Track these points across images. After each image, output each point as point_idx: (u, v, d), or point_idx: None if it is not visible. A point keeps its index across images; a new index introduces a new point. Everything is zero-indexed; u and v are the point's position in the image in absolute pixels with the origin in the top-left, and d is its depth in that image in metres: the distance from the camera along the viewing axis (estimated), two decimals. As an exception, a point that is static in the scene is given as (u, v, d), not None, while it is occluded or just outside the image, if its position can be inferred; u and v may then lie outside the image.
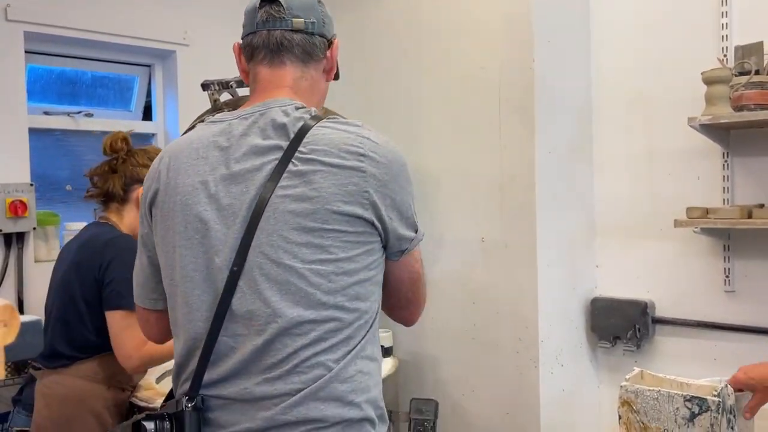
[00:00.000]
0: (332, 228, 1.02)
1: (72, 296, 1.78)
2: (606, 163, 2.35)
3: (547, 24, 2.18)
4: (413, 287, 1.16)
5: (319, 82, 1.18)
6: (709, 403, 1.30)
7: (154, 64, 2.94)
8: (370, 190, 1.03)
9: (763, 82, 1.89)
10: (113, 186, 1.90)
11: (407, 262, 1.12)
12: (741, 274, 2.06)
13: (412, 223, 1.10)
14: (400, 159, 1.08)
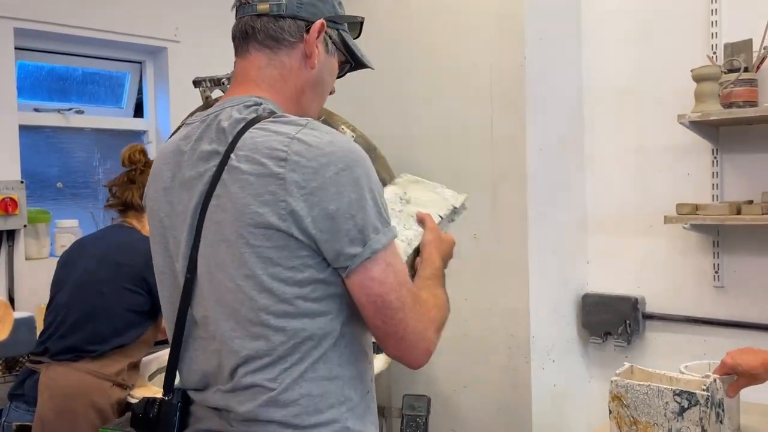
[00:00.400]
0: (249, 242, 0.93)
1: (101, 292, 1.87)
2: (597, 160, 2.37)
3: (539, 22, 2.19)
4: (381, 315, 0.95)
5: (297, 71, 1.06)
6: (698, 397, 1.31)
7: (145, 61, 2.93)
8: (289, 199, 0.91)
9: (751, 79, 1.91)
10: (132, 196, 2.00)
11: (360, 284, 0.94)
12: (730, 269, 2.08)
13: (357, 236, 0.92)
14: (341, 161, 0.92)
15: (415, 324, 0.97)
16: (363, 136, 2.25)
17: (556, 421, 2.27)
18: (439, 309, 1.05)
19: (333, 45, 1.09)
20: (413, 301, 0.98)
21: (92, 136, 2.87)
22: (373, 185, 0.95)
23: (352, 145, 0.96)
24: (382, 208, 0.96)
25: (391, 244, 0.96)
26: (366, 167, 0.95)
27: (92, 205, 2.87)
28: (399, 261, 0.98)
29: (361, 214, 0.93)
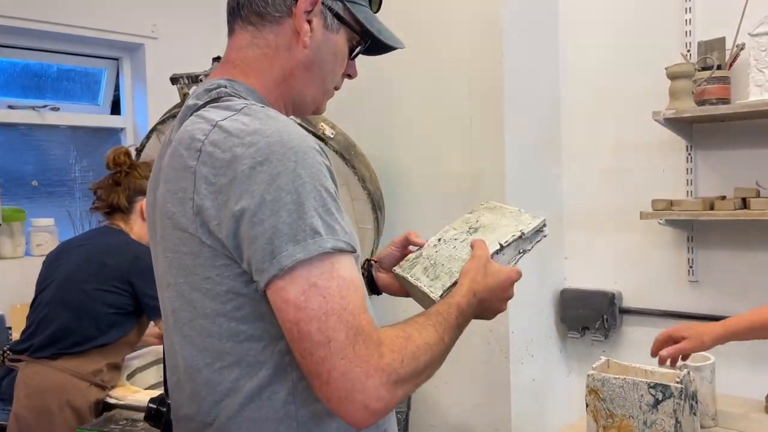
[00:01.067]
0: (168, 246, 0.84)
1: (85, 291, 1.87)
2: (574, 156, 2.39)
3: (517, 19, 2.21)
4: (299, 349, 0.77)
5: (285, 51, 0.92)
6: (672, 389, 1.33)
7: (122, 58, 2.90)
8: (196, 197, 0.79)
9: (724, 77, 1.94)
10: (117, 198, 2.01)
11: (276, 306, 0.77)
12: (704, 264, 2.12)
13: (266, 247, 0.76)
14: (260, 154, 0.76)
15: (348, 368, 0.75)
16: (342, 134, 2.25)
17: (535, 416, 2.30)
18: (415, 357, 0.81)
19: (335, 19, 0.94)
20: (350, 337, 0.76)
21: (68, 134, 2.84)
22: (302, 185, 0.76)
23: (284, 136, 0.78)
24: (313, 213, 0.76)
25: (322, 261, 0.76)
26: (296, 163, 0.77)
27: (68, 203, 2.84)
28: (336, 284, 0.76)
29: (272, 220, 0.75)
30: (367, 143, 2.32)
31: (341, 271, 0.77)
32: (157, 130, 2.22)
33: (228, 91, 0.88)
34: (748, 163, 2.02)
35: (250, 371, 0.82)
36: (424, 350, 0.83)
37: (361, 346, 0.76)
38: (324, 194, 0.78)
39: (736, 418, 1.66)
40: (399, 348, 0.80)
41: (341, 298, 0.76)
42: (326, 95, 0.99)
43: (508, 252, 1.07)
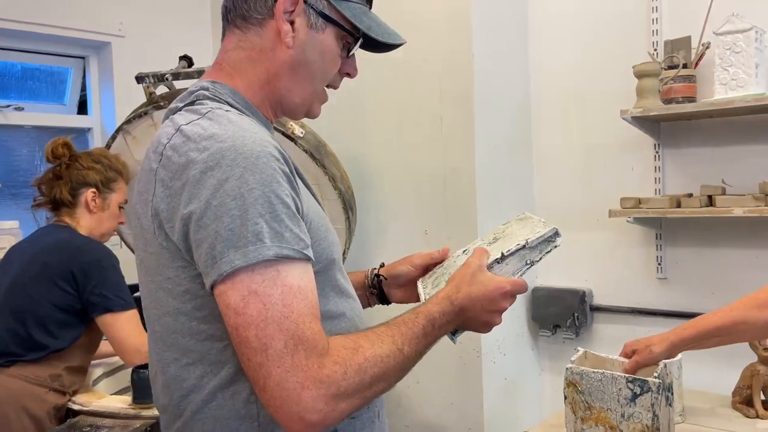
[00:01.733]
0: (139, 245, 0.89)
1: (32, 296, 1.80)
2: (545, 155, 2.40)
3: (487, 19, 2.21)
4: (239, 353, 0.77)
5: (270, 52, 0.91)
6: (650, 384, 1.35)
7: (88, 56, 2.84)
8: (154, 200, 0.82)
9: (690, 75, 1.96)
10: (60, 192, 1.92)
11: (220, 308, 0.78)
12: (672, 261, 2.14)
13: (209, 252, 0.77)
14: (212, 159, 0.77)
15: (284, 377, 0.74)
16: (312, 133, 2.23)
17: (508, 414, 2.30)
18: (361, 370, 0.79)
19: (321, 18, 0.92)
20: (289, 346, 0.74)
21: (33, 134, 2.78)
22: (249, 191, 0.76)
23: (237, 141, 0.78)
24: (258, 220, 0.76)
25: (266, 268, 0.75)
26: (245, 168, 0.76)
27: (34, 205, 2.78)
28: (280, 291, 0.76)
29: (215, 225, 0.76)
30: (337, 143, 2.30)
31: (288, 278, 0.77)
32: (123, 130, 2.17)
33: (207, 94, 0.89)
34: (714, 161, 2.04)
35: (213, 369, 0.84)
36: (374, 363, 0.80)
37: (301, 356, 0.75)
38: (274, 200, 0.77)
39: (703, 414, 1.67)
40: (343, 359, 0.78)
41: (284, 306, 0.75)
42: (317, 96, 0.98)
43: (511, 262, 1.01)
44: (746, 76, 1.78)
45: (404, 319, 0.89)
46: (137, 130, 2.16)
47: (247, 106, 0.92)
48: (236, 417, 0.84)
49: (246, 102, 0.92)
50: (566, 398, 1.46)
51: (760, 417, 1.63)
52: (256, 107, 0.93)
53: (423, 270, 1.19)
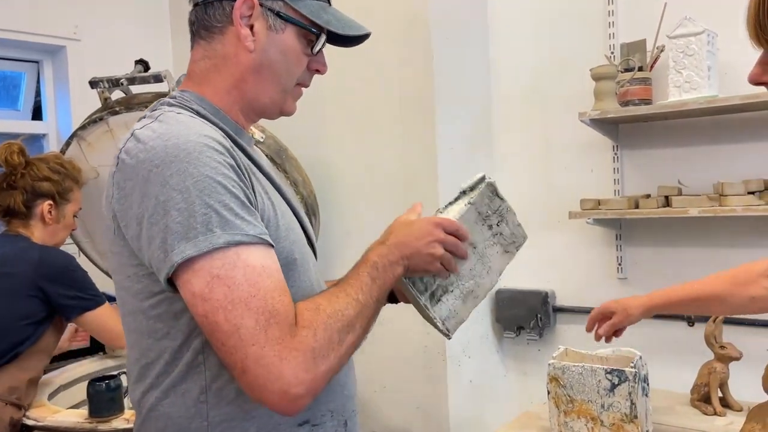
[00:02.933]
0: (106, 245, 0.92)
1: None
2: (506, 157, 2.41)
3: (445, 22, 2.21)
4: (213, 341, 0.79)
5: (233, 58, 0.93)
6: (627, 374, 1.41)
7: (42, 60, 2.77)
8: (113, 202, 0.85)
9: (646, 78, 1.98)
10: (14, 203, 1.86)
11: (186, 300, 0.79)
12: (632, 261, 2.17)
13: (161, 245, 0.78)
14: (157, 158, 0.80)
15: (261, 353, 0.75)
16: (273, 137, 2.20)
17: (474, 416, 2.31)
18: (327, 327, 0.81)
19: (279, 18, 0.94)
20: (261, 322, 0.76)
21: (-15, 141, 2.70)
22: (194, 183, 0.78)
23: (181, 138, 0.81)
24: (206, 210, 0.78)
25: (225, 253, 0.77)
26: (188, 163, 0.79)
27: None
28: (243, 272, 0.77)
29: (165, 220, 0.78)
30: (298, 147, 2.28)
31: (249, 260, 0.79)
32: (78, 136, 2.12)
33: (171, 101, 0.92)
34: (671, 162, 2.07)
35: (167, 368, 0.86)
36: (336, 318, 0.83)
37: (274, 330, 0.77)
38: (220, 190, 0.80)
39: (662, 412, 1.70)
40: (309, 322, 0.81)
41: (249, 285, 0.77)
42: (287, 95, 0.99)
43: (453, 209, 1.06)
44: (699, 78, 1.81)
45: (350, 274, 0.93)
46: (92, 136, 2.11)
47: (215, 112, 0.94)
48: (186, 416, 0.86)
49: (214, 108, 0.94)
50: (549, 393, 1.52)
51: (717, 414, 1.66)
52: (225, 113, 0.96)
53: None
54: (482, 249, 1.11)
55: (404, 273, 0.97)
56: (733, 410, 1.68)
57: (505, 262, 1.14)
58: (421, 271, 0.99)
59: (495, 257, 1.12)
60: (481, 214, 1.10)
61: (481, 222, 1.10)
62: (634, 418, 1.42)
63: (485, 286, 1.12)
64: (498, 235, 1.13)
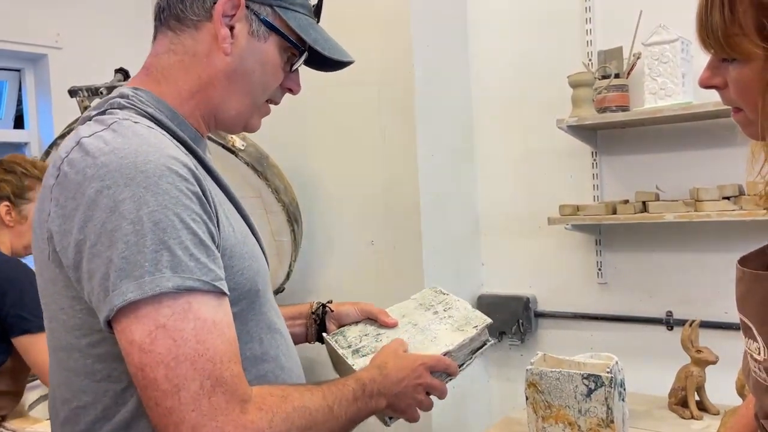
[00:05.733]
0: (37, 269, 0.80)
1: None
2: (487, 163, 2.42)
3: (425, 29, 2.22)
4: (145, 397, 0.70)
5: (205, 58, 0.84)
6: (603, 379, 1.42)
7: (24, 69, 2.76)
8: (49, 221, 0.74)
9: (622, 85, 2.00)
10: None
11: (121, 345, 0.70)
12: (611, 266, 2.18)
13: (103, 284, 0.69)
14: (109, 177, 0.70)
15: (200, 422, 0.67)
16: (254, 145, 2.21)
17: (457, 422, 2.31)
18: (288, 420, 0.74)
19: (263, 26, 0.86)
20: (206, 388, 0.68)
21: (-34, 150, 2.68)
22: (149, 214, 0.69)
23: (140, 157, 0.71)
24: (158, 247, 0.68)
25: (175, 299, 0.68)
26: (146, 189, 0.69)
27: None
28: (192, 326, 0.69)
29: (109, 252, 0.68)
30: (280, 155, 2.29)
31: (200, 311, 0.70)
32: (57, 144, 2.12)
33: (124, 102, 0.80)
34: (649, 168, 2.09)
35: (107, 414, 0.75)
36: (302, 414, 0.76)
37: (220, 399, 0.69)
38: (177, 224, 0.70)
39: (640, 416, 1.71)
40: (269, 407, 0.73)
41: (197, 342, 0.69)
42: (255, 110, 0.91)
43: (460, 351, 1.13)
44: (674, 85, 1.83)
45: (335, 381, 0.87)
46: (72, 144, 2.11)
47: (173, 117, 0.84)
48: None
49: (173, 112, 0.84)
50: (527, 399, 1.53)
51: (694, 418, 1.68)
52: (184, 117, 0.86)
53: (364, 319, 1.19)
54: (425, 324, 1.17)
55: (385, 408, 0.95)
56: (710, 414, 1.69)
57: (459, 338, 1.14)
58: (398, 411, 0.99)
59: (442, 332, 1.15)
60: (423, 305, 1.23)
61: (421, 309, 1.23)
62: (610, 423, 1.43)
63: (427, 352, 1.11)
64: (447, 318, 1.19)
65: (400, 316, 1.19)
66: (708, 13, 0.70)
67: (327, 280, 2.40)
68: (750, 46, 0.68)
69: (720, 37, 0.69)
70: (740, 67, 0.70)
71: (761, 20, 0.67)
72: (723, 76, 0.74)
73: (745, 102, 0.72)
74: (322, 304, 1.20)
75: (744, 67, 0.70)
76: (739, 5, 0.68)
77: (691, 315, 1.90)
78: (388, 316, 1.16)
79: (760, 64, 0.68)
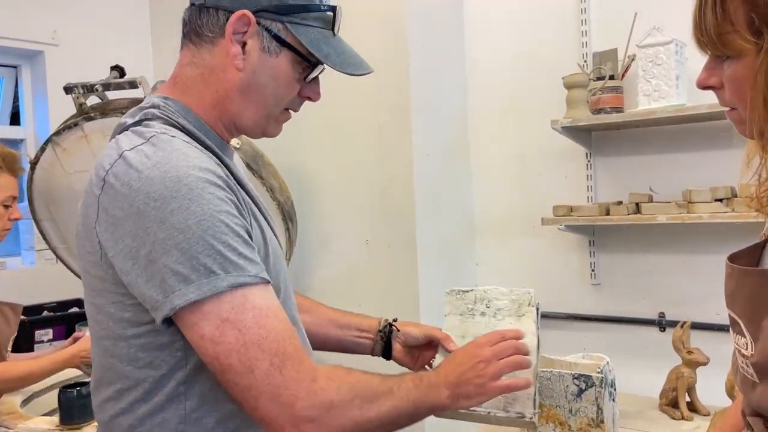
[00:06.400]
0: (81, 265, 0.88)
1: None
2: (482, 164, 2.43)
3: (422, 28, 2.23)
4: (224, 379, 0.79)
5: (220, 72, 0.89)
6: (593, 379, 1.43)
7: (20, 65, 2.76)
8: (98, 227, 0.81)
9: (617, 86, 2.01)
10: None
11: (191, 340, 0.79)
12: (605, 267, 2.19)
13: (161, 286, 0.77)
14: (156, 191, 0.77)
15: (276, 392, 0.77)
16: (249, 143, 2.21)
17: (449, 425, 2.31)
18: (352, 389, 0.83)
19: (275, 41, 0.89)
20: (275, 363, 0.78)
21: (-38, 146, 2.68)
22: (197, 223, 0.76)
23: (181, 171, 0.78)
24: (209, 252, 0.77)
25: (232, 295, 0.77)
26: (190, 200, 0.77)
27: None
28: (252, 315, 0.78)
29: (164, 259, 0.76)
30: (275, 153, 2.29)
31: (256, 301, 0.79)
32: (53, 141, 2.12)
33: (157, 113, 0.87)
34: (643, 169, 2.10)
35: (145, 396, 0.84)
36: (365, 387, 0.85)
37: (290, 370, 0.79)
38: (223, 229, 0.78)
39: (630, 417, 1.71)
40: (337, 377, 0.83)
41: (259, 327, 0.78)
42: (271, 119, 0.95)
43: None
44: (668, 87, 1.84)
45: (396, 374, 0.93)
46: (67, 141, 2.11)
47: (200, 125, 0.90)
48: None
49: (198, 121, 0.90)
50: None
51: (685, 419, 1.68)
52: (209, 126, 0.92)
53: (427, 342, 1.23)
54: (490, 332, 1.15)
55: (453, 402, 0.97)
56: (701, 415, 1.70)
57: (528, 323, 1.16)
58: (478, 396, 0.99)
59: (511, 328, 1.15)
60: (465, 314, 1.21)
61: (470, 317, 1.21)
62: (600, 423, 1.43)
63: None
64: (499, 313, 1.19)
65: (460, 337, 1.18)
66: (702, 14, 0.72)
67: (322, 279, 2.41)
68: (741, 42, 0.69)
69: (713, 35, 0.71)
70: (734, 64, 0.72)
71: (751, 15, 0.68)
72: (719, 76, 0.75)
73: (739, 99, 0.73)
74: (389, 323, 1.24)
75: (737, 64, 0.72)
76: (730, 3, 0.69)
77: (683, 316, 1.90)
78: (451, 341, 1.18)
79: (752, 59, 0.69)
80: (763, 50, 0.68)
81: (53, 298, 2.58)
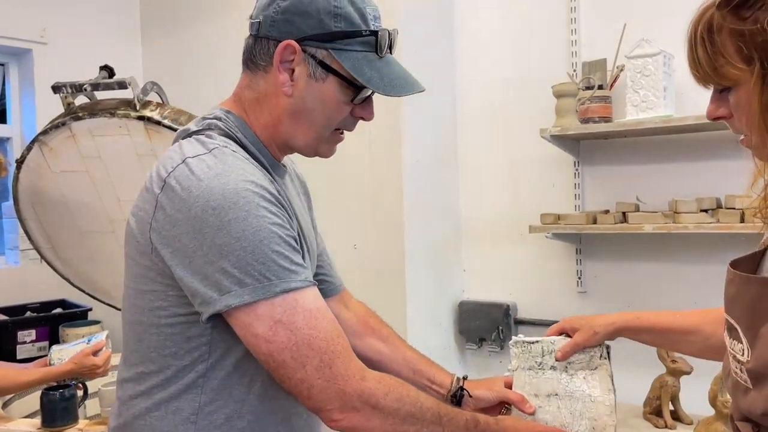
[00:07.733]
0: (127, 251, 0.94)
1: None
2: (471, 171, 2.44)
3: (414, 38, 2.24)
4: (277, 374, 0.86)
5: (273, 97, 0.95)
6: None
7: (8, 63, 2.74)
8: (154, 223, 0.87)
9: (605, 96, 2.03)
10: None
11: (244, 338, 0.86)
12: (591, 275, 2.20)
13: (215, 286, 0.84)
14: (215, 200, 0.83)
15: (325, 385, 0.84)
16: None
17: (435, 428, 2.31)
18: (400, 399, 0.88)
19: (321, 68, 0.93)
20: (326, 360, 0.84)
21: (-53, 143, 2.65)
22: (254, 233, 0.83)
23: (240, 184, 0.85)
24: (263, 260, 0.84)
25: (284, 298, 0.84)
26: (247, 212, 0.84)
27: (-54, 217, 2.65)
28: (302, 317, 0.85)
29: (221, 263, 0.83)
30: (265, 156, 2.28)
31: (306, 304, 0.86)
32: (40, 141, 2.10)
33: (220, 125, 0.94)
34: (630, 178, 2.12)
35: (164, 383, 0.90)
36: (413, 403, 0.89)
37: (339, 367, 0.85)
38: (276, 239, 0.85)
39: (615, 425, 1.72)
40: (388, 383, 0.89)
41: (309, 328, 0.85)
42: (322, 140, 1.00)
43: None
44: (655, 98, 1.86)
45: (454, 407, 1.00)
46: (54, 141, 2.09)
47: (255, 143, 0.97)
48: (165, 414, 0.90)
49: (255, 138, 0.97)
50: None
51: (668, 427, 1.70)
52: (263, 144, 0.98)
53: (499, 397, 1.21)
54: (563, 388, 1.13)
55: None
56: (684, 423, 1.71)
57: (604, 377, 1.13)
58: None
59: (584, 383, 1.13)
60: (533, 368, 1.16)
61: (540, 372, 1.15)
62: None
63: (602, 412, 1.10)
64: (570, 366, 1.15)
65: (532, 396, 1.14)
66: (694, 52, 0.76)
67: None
68: (735, 72, 0.73)
69: (709, 70, 0.75)
70: (735, 93, 0.76)
71: (739, 45, 0.72)
72: (727, 107, 0.78)
73: (748, 126, 0.76)
74: (460, 387, 1.21)
75: (738, 92, 0.75)
76: (717, 37, 0.73)
77: (667, 325, 1.92)
78: (527, 403, 1.16)
79: (750, 85, 0.73)
80: (755, 74, 0.71)
81: (37, 299, 2.56)
